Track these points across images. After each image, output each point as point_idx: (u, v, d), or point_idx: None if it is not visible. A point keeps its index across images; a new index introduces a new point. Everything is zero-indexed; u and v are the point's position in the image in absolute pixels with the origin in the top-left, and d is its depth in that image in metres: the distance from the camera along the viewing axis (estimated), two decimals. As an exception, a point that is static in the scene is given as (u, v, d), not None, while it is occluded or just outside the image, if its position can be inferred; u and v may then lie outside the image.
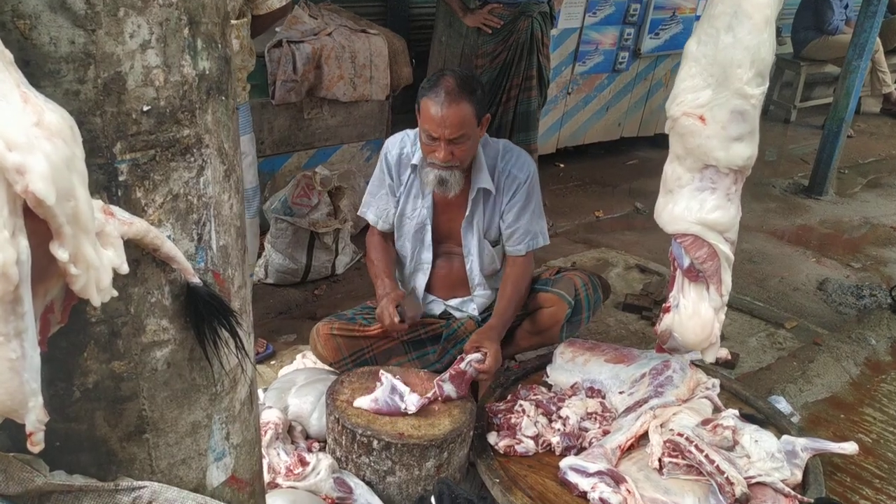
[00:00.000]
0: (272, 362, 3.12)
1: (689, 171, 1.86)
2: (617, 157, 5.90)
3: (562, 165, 5.62)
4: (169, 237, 0.99)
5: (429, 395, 2.39)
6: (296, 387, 2.69)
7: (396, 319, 2.57)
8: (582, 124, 5.52)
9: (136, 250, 0.96)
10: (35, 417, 0.83)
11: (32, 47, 0.84)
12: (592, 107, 5.48)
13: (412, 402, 2.34)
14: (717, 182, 1.84)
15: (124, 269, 0.89)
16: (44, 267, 0.82)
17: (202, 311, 1.04)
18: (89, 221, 0.81)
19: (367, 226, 2.92)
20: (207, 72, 1.00)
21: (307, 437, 2.59)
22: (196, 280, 1.02)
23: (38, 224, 0.80)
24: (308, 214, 3.83)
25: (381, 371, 2.45)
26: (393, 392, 2.37)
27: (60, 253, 0.79)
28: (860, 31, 4.82)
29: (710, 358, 2.22)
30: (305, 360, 3.04)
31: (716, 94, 1.74)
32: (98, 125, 0.90)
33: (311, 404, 2.61)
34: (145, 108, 0.92)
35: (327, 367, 2.87)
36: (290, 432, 2.56)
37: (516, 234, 2.70)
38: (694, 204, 1.88)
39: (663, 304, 2.21)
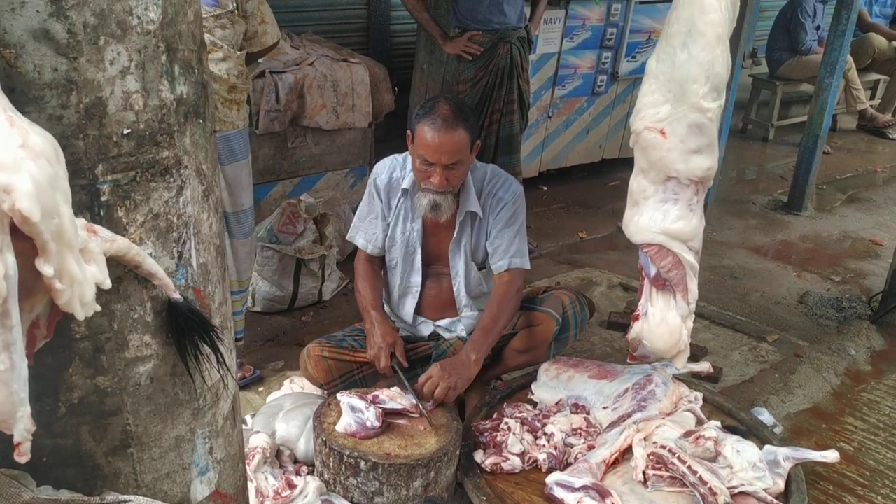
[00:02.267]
0: (260, 388, 3.14)
1: (652, 183, 1.93)
2: (599, 178, 5.97)
3: (545, 188, 5.69)
4: (150, 255, 1.03)
5: (388, 404, 2.41)
6: (283, 411, 2.71)
7: (388, 372, 2.64)
8: (563, 147, 5.60)
9: (120, 268, 1.00)
10: (23, 427, 0.86)
11: (17, 75, 0.88)
12: (573, 130, 5.57)
13: (372, 416, 2.35)
14: (679, 193, 1.91)
15: (107, 284, 0.92)
16: (29, 284, 0.86)
17: (183, 327, 1.07)
18: (73, 238, 0.85)
19: (354, 252, 2.96)
20: (185, 96, 1.04)
21: (295, 460, 2.60)
22: (177, 296, 1.06)
23: (23, 242, 0.84)
24: (294, 242, 3.87)
25: (338, 395, 2.45)
26: (354, 411, 2.38)
27: (46, 268, 0.83)
28: (831, 50, 4.94)
29: (680, 364, 2.28)
30: (293, 385, 3.06)
31: (674, 108, 1.81)
32: (81, 148, 0.94)
33: (298, 428, 2.63)
34: (125, 132, 0.97)
35: (315, 392, 2.89)
36: (278, 456, 2.57)
37: (499, 251, 2.73)
38: (658, 215, 1.94)
39: (633, 313, 2.26)
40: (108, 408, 1.07)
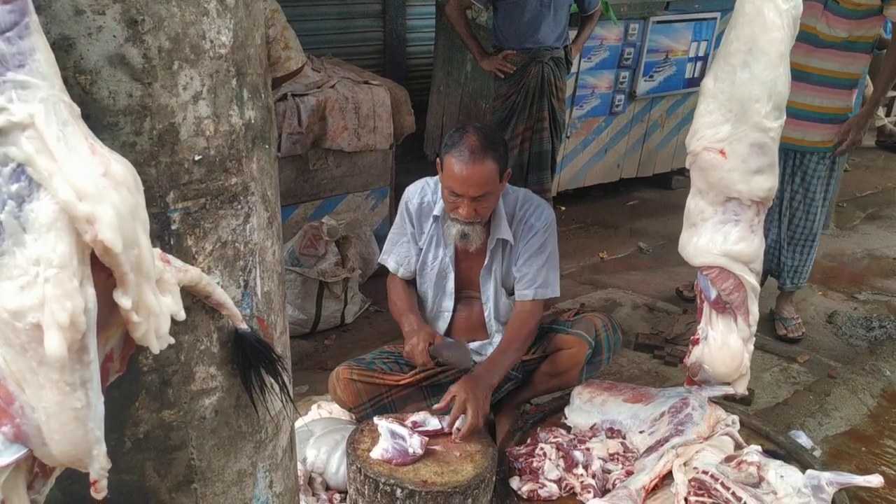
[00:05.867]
0: (287, 414, 3.10)
1: (711, 204, 1.88)
2: (617, 198, 5.94)
3: (563, 208, 5.66)
4: (217, 284, 1.00)
5: (429, 423, 2.38)
6: (314, 437, 2.66)
7: (430, 363, 2.58)
8: (581, 167, 5.58)
9: (186, 298, 0.97)
10: (99, 465, 0.82)
11: (92, 101, 0.86)
12: (591, 149, 5.55)
13: (416, 444, 2.30)
14: (740, 214, 1.86)
15: (181, 315, 0.89)
16: (105, 316, 0.83)
17: (249, 358, 1.04)
18: (151, 269, 0.82)
19: (375, 274, 2.93)
20: (253, 121, 1.02)
21: (327, 488, 2.56)
22: (244, 326, 1.03)
23: (99, 273, 0.81)
24: (316, 265, 3.84)
25: (375, 419, 2.40)
26: (395, 437, 2.33)
27: (124, 301, 0.80)
28: (851, 68, 4.90)
29: (741, 389, 2.22)
30: (321, 410, 3.01)
31: (735, 128, 1.77)
32: (153, 175, 0.92)
33: (329, 455, 2.59)
34: (197, 158, 0.94)
35: (344, 417, 2.85)
36: (310, 484, 2.53)
37: (525, 279, 2.70)
38: (718, 237, 1.89)
39: (692, 337, 2.21)
40: (173, 442, 1.03)
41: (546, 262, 2.70)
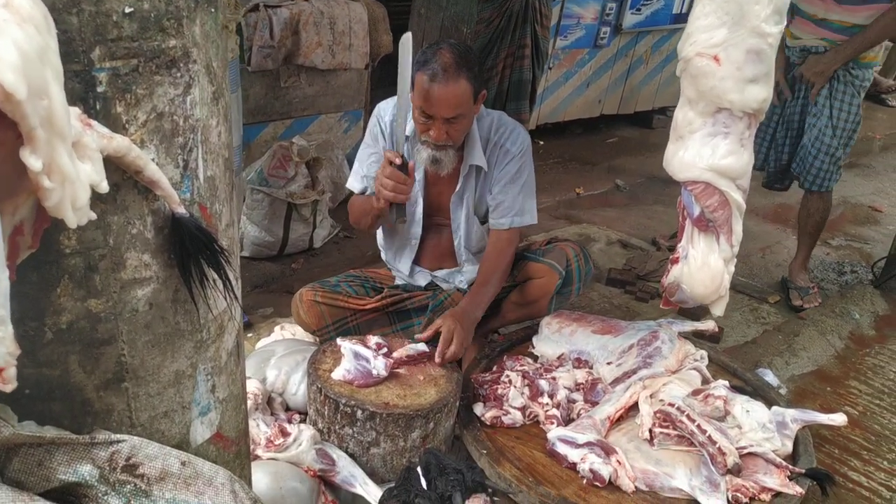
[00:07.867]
0: (249, 335, 3.02)
1: (701, 115, 1.76)
2: (597, 134, 5.85)
3: (541, 142, 5.56)
4: (152, 160, 0.89)
5: (396, 354, 2.32)
6: (275, 357, 2.59)
7: (398, 160, 2.36)
8: (562, 101, 5.45)
9: (116, 174, 0.86)
10: (5, 350, 0.72)
11: (-3, -73, 0.73)
12: (573, 82, 5.41)
13: (380, 366, 2.24)
14: (731, 126, 1.75)
15: (104, 186, 0.78)
16: (13, 181, 0.72)
17: (188, 246, 0.94)
18: (65, 126, 0.71)
19: (346, 200, 2.81)
20: (196, -23, 0.90)
21: (287, 408, 2.50)
22: (182, 210, 0.92)
23: (5, 131, 0.70)
24: (285, 186, 3.72)
25: (338, 341, 2.34)
26: (358, 358, 2.26)
27: (32, 161, 0.69)
28: (841, 10, 4.78)
29: (718, 311, 2.15)
30: (284, 332, 2.94)
31: (731, 32, 1.64)
32: (74, 25, 0.79)
33: (290, 375, 2.52)
34: (127, 10, 0.82)
35: (307, 339, 2.77)
36: (269, 404, 2.46)
37: (501, 207, 2.60)
38: (706, 150, 1.78)
39: (671, 256, 2.12)
40: (100, 335, 0.93)
41: (522, 189, 2.61)
